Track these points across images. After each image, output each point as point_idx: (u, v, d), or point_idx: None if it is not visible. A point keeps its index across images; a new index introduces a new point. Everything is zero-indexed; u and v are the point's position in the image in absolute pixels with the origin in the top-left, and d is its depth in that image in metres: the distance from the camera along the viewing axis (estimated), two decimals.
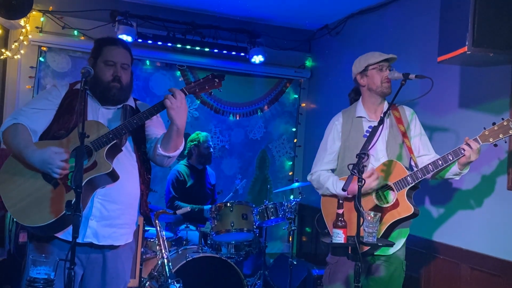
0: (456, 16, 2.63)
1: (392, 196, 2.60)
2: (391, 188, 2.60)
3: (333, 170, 2.85)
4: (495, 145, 2.50)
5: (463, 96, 3.36)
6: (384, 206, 2.59)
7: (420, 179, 2.56)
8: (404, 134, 2.75)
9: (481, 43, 2.53)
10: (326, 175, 2.79)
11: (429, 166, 2.55)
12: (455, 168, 2.59)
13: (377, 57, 2.73)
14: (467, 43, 2.51)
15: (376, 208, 2.57)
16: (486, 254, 3.03)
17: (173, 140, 2.33)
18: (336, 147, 2.83)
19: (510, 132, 2.45)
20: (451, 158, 2.51)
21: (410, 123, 2.81)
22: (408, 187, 2.57)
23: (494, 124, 2.49)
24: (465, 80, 3.34)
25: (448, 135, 3.41)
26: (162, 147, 2.35)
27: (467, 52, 2.52)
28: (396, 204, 2.57)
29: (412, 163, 2.74)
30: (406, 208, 2.53)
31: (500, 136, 2.46)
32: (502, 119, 2.48)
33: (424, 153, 2.76)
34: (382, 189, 2.64)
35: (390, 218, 2.56)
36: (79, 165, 1.93)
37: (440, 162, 2.53)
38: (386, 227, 2.55)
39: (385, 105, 2.82)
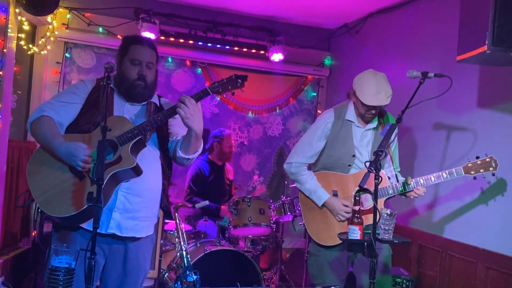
0: (476, 15, 2.61)
1: (370, 202, 2.73)
2: (371, 193, 2.70)
3: (309, 165, 3.04)
4: (475, 178, 2.71)
5: (482, 95, 3.35)
6: (362, 208, 2.71)
7: (400, 193, 2.74)
8: None
9: (501, 42, 2.51)
10: (308, 176, 2.95)
11: (412, 182, 2.74)
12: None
13: (368, 99, 2.78)
14: (486, 42, 2.50)
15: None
16: (503, 254, 3.03)
17: (192, 144, 2.37)
18: (321, 145, 2.95)
19: (491, 170, 2.67)
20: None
21: (395, 133, 2.91)
22: (388, 197, 2.72)
23: (477, 158, 2.69)
24: (484, 79, 3.33)
25: (466, 134, 3.41)
26: (182, 150, 2.39)
27: (487, 51, 2.51)
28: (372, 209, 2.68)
29: (392, 173, 2.89)
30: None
31: (481, 171, 2.69)
32: (486, 155, 2.68)
33: (389, 165, 2.93)
34: (362, 192, 2.73)
35: (365, 221, 2.65)
36: (100, 158, 1.97)
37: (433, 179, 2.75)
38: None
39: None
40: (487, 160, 2.69)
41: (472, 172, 2.69)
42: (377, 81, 2.79)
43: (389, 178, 2.85)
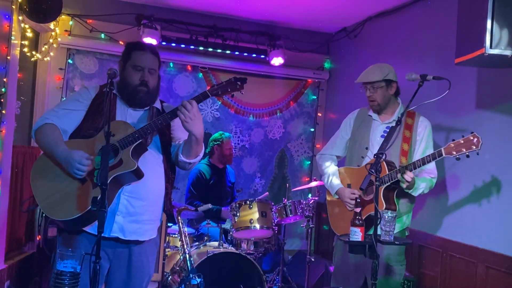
0: (474, 18, 2.64)
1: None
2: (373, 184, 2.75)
3: (337, 157, 3.22)
4: (458, 159, 2.53)
5: (480, 97, 3.38)
6: (366, 199, 2.80)
7: (395, 179, 2.69)
8: (406, 139, 2.88)
9: (499, 45, 2.55)
10: (328, 167, 3.15)
11: (403, 167, 2.69)
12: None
13: (357, 78, 3.02)
14: (484, 44, 2.53)
15: (361, 199, 2.74)
16: (503, 254, 3.06)
17: (193, 148, 2.40)
18: (347, 137, 3.15)
19: (473, 148, 2.48)
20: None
21: (423, 134, 2.92)
22: (386, 185, 2.72)
23: (463, 137, 2.53)
24: (482, 81, 3.36)
25: (464, 136, 3.43)
26: (184, 155, 2.42)
27: (485, 54, 2.54)
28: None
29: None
30: (381, 205, 2.68)
31: (463, 151, 2.50)
32: (472, 133, 2.51)
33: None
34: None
35: (367, 211, 2.77)
36: (104, 163, 2.00)
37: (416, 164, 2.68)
38: (363, 218, 2.68)
39: (399, 108, 3.00)
40: (470, 138, 2.51)
41: (453, 153, 2.52)
42: (373, 66, 3.01)
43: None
